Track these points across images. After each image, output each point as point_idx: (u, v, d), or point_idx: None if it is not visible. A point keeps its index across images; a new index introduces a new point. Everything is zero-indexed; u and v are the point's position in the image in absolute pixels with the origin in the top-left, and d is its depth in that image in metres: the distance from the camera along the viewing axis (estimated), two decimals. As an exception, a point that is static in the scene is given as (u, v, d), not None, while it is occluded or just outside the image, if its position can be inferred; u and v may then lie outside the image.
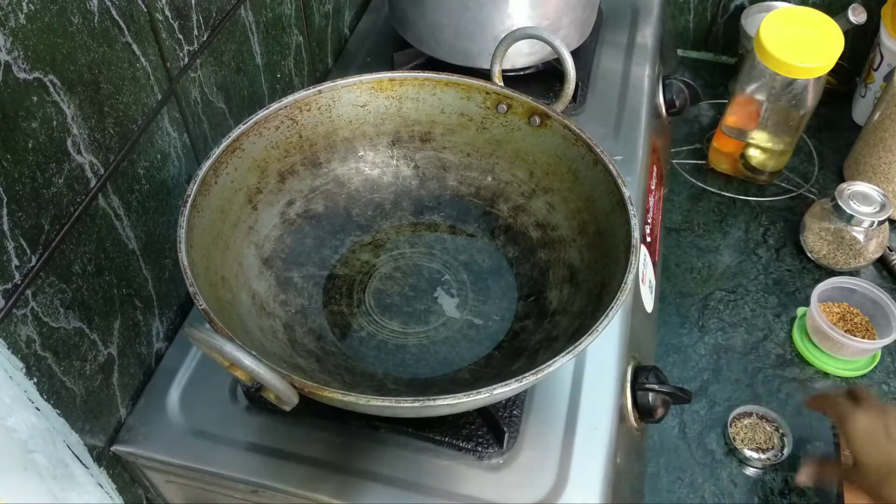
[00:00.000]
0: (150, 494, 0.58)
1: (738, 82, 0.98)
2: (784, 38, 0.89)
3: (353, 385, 0.50)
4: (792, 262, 0.97)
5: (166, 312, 0.57)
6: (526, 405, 0.54)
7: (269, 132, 0.53)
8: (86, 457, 0.50)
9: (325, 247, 0.58)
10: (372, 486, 0.50)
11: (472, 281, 0.57)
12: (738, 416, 0.80)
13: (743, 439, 0.78)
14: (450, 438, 0.51)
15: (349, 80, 0.55)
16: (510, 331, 0.54)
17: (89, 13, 0.43)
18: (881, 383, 0.85)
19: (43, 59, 0.40)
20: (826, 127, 1.13)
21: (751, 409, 0.80)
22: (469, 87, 0.55)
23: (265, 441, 0.52)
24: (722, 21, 1.22)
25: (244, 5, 0.61)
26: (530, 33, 0.58)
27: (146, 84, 0.50)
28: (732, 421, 0.79)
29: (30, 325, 0.42)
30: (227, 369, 0.38)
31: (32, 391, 0.43)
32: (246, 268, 0.53)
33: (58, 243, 0.43)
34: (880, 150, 0.97)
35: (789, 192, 1.05)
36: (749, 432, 0.78)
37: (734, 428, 0.79)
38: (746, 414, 0.80)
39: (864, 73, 1.10)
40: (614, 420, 0.53)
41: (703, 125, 1.15)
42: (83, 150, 0.44)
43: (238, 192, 0.52)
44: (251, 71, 0.65)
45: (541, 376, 0.39)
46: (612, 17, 0.90)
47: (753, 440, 0.78)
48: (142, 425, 0.53)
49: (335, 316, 0.55)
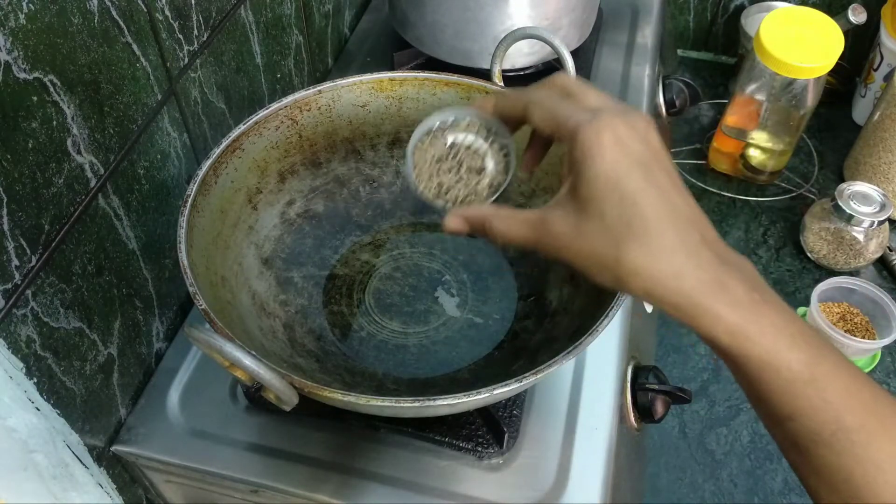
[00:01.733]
0: (150, 494, 0.58)
1: (738, 82, 0.98)
2: (784, 38, 0.89)
3: (353, 385, 0.50)
4: (792, 262, 0.97)
5: (166, 312, 0.57)
6: (526, 405, 0.54)
7: (269, 132, 0.53)
8: (86, 457, 0.50)
9: (325, 247, 0.58)
10: (372, 486, 0.50)
11: (472, 281, 0.57)
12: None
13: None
14: (450, 438, 0.51)
15: (349, 80, 0.55)
16: (510, 331, 0.54)
17: (89, 13, 0.43)
18: (881, 383, 0.85)
19: (43, 59, 0.40)
20: (826, 127, 1.13)
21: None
22: (469, 87, 0.55)
23: (265, 441, 0.52)
24: (722, 21, 1.22)
25: (244, 5, 0.61)
26: (530, 33, 0.58)
27: (146, 84, 0.50)
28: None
29: (30, 325, 0.42)
30: (227, 369, 0.38)
31: (32, 391, 0.43)
32: (246, 268, 0.53)
33: (58, 243, 0.43)
34: (880, 150, 0.98)
35: (789, 192, 1.05)
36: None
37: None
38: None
39: (864, 73, 1.10)
40: (614, 420, 0.53)
41: (703, 125, 1.15)
42: (83, 150, 0.44)
43: (238, 192, 0.52)
44: (251, 71, 0.65)
45: (541, 376, 0.39)
46: (612, 17, 0.90)
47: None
48: (142, 425, 0.53)
49: (335, 316, 0.55)
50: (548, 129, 0.35)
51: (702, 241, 0.32)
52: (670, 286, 0.31)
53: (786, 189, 1.06)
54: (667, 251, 0.31)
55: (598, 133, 0.32)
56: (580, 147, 0.32)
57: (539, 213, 0.35)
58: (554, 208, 0.35)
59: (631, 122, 0.33)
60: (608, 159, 0.32)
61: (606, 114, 0.33)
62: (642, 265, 0.32)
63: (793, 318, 0.32)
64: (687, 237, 0.32)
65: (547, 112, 0.35)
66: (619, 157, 0.32)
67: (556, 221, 0.34)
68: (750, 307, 0.31)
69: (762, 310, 0.32)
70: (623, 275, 0.32)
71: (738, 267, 0.33)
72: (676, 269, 0.31)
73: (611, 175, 0.32)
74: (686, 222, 0.32)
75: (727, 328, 0.31)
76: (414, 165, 0.41)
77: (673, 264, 0.31)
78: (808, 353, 0.31)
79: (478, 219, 0.38)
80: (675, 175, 0.34)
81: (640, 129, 0.33)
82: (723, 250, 0.33)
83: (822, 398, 0.31)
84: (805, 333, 0.32)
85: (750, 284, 0.32)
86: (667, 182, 0.33)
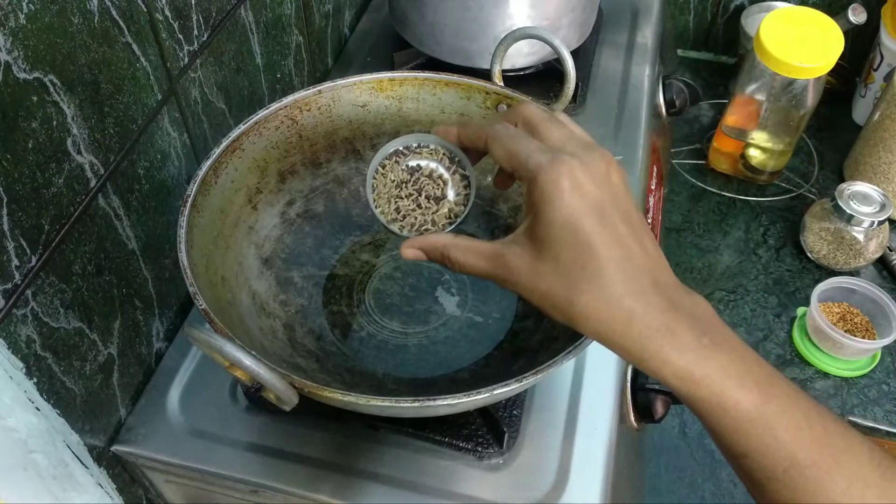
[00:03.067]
0: (150, 494, 0.58)
1: (738, 82, 0.98)
2: (784, 38, 0.89)
3: (353, 385, 0.50)
4: (792, 262, 0.97)
5: (166, 312, 0.57)
6: (526, 405, 0.54)
7: (269, 132, 0.53)
8: (86, 457, 0.50)
9: (325, 247, 0.58)
10: (372, 486, 0.50)
11: (472, 281, 0.57)
12: None
13: None
14: (450, 438, 0.51)
15: (349, 80, 0.55)
16: (510, 331, 0.54)
17: (89, 13, 0.43)
18: (881, 383, 0.85)
19: (43, 59, 0.40)
20: (826, 127, 1.13)
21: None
22: (469, 87, 0.55)
23: (265, 441, 0.52)
24: (722, 21, 1.22)
25: (244, 5, 0.61)
26: (530, 33, 0.58)
27: (146, 84, 0.50)
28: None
29: (30, 325, 0.42)
30: (227, 369, 0.38)
31: (32, 391, 0.43)
32: (246, 268, 0.53)
33: (58, 243, 0.43)
34: (880, 150, 0.98)
35: (789, 192, 1.05)
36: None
37: None
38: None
39: (864, 73, 1.10)
40: (614, 420, 0.53)
41: (703, 125, 1.15)
42: (83, 150, 0.44)
43: (238, 192, 0.52)
44: (251, 71, 0.65)
45: (541, 376, 0.39)
46: (612, 17, 0.90)
47: None
48: (142, 425, 0.53)
49: (335, 316, 0.55)
50: (508, 167, 0.36)
51: (653, 285, 0.33)
52: (618, 330, 0.32)
53: (786, 189, 1.06)
54: (616, 296, 0.32)
55: (556, 178, 0.32)
56: (538, 190, 0.33)
57: (497, 247, 0.36)
58: (512, 244, 0.35)
59: (590, 164, 0.33)
60: (566, 203, 0.32)
61: (566, 156, 0.33)
62: (594, 309, 0.32)
63: (743, 358, 0.33)
64: (638, 282, 0.33)
65: (507, 150, 0.36)
66: (576, 201, 0.32)
67: (513, 258, 0.35)
68: (697, 351, 0.32)
69: (710, 353, 0.32)
70: (574, 317, 0.33)
71: (690, 311, 0.33)
72: (625, 315, 0.32)
73: (567, 220, 0.32)
74: (638, 268, 0.33)
75: (674, 372, 0.32)
76: (373, 188, 0.41)
77: (622, 309, 0.32)
78: (755, 393, 0.32)
79: (435, 248, 0.38)
80: (636, 217, 0.34)
81: (600, 172, 0.33)
82: (677, 294, 0.33)
83: (773, 436, 0.32)
84: (753, 373, 0.33)
85: (700, 329, 0.33)
86: (623, 226, 0.33)
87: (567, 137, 0.35)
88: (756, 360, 0.33)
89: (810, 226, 0.95)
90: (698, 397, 0.32)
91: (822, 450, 0.32)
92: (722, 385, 0.32)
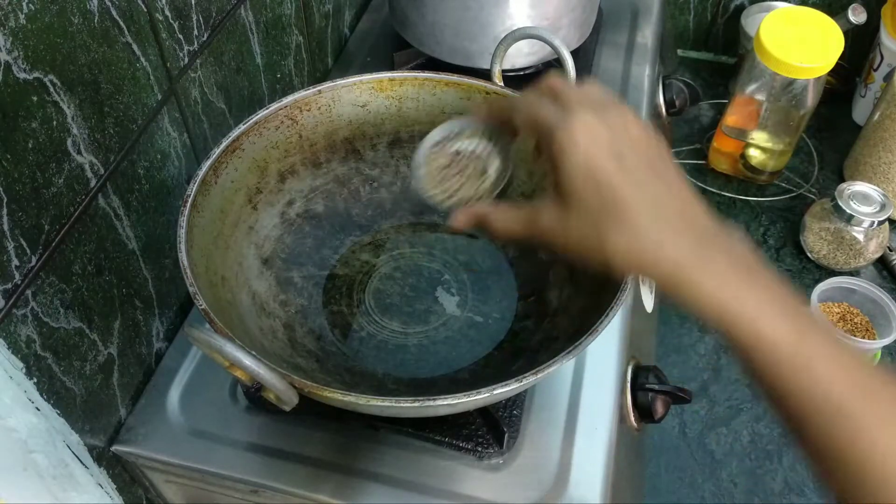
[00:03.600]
0: (150, 494, 0.58)
1: (738, 82, 0.98)
2: (784, 38, 0.89)
3: (353, 385, 0.50)
4: (792, 262, 0.97)
5: (166, 312, 0.57)
6: (526, 405, 0.53)
7: (269, 132, 0.53)
8: (86, 457, 0.50)
9: (325, 247, 0.58)
10: (372, 486, 0.50)
11: (472, 281, 0.57)
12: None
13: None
14: (450, 438, 0.51)
15: (349, 80, 0.55)
16: (510, 331, 0.54)
17: (89, 13, 0.43)
18: (881, 383, 0.85)
19: (43, 59, 0.40)
20: (826, 127, 1.13)
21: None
22: (469, 87, 0.55)
23: (265, 441, 0.52)
24: (722, 21, 1.22)
25: (244, 5, 0.61)
26: (530, 33, 0.58)
27: (146, 84, 0.50)
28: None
29: (30, 325, 0.42)
30: (227, 369, 0.38)
31: (32, 391, 0.43)
32: (246, 268, 0.53)
33: (58, 243, 0.43)
34: (880, 150, 0.97)
35: (789, 192, 1.05)
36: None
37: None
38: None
39: (864, 73, 1.10)
40: (614, 420, 0.53)
41: (703, 125, 1.15)
42: (83, 150, 0.44)
43: (238, 192, 0.52)
44: (251, 71, 0.65)
45: (541, 376, 0.39)
46: (612, 17, 0.90)
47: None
48: (142, 425, 0.53)
49: (335, 316, 0.55)
50: (530, 132, 0.37)
51: (681, 220, 0.34)
52: (650, 259, 0.34)
53: (786, 189, 1.06)
54: (644, 228, 0.34)
55: (571, 132, 0.34)
56: (557, 145, 0.34)
57: (530, 209, 0.38)
58: (541, 205, 0.37)
59: (606, 116, 0.35)
60: (582, 152, 0.34)
61: (581, 111, 0.35)
62: (625, 243, 0.34)
63: (782, 293, 0.33)
64: (666, 219, 0.34)
65: (527, 115, 0.37)
66: (593, 149, 0.34)
67: (544, 215, 0.37)
68: (733, 277, 0.33)
69: (747, 280, 0.33)
70: (609, 256, 0.34)
71: (724, 244, 0.34)
72: (656, 243, 0.33)
73: (586, 168, 0.34)
74: (665, 207, 0.34)
75: (710, 297, 0.33)
76: (421, 178, 0.44)
77: (652, 239, 0.33)
78: (791, 326, 0.32)
79: (479, 216, 0.40)
80: (660, 163, 0.35)
81: (616, 123, 0.35)
82: (710, 230, 0.34)
83: (810, 368, 0.32)
84: (789, 307, 0.33)
85: (735, 259, 0.33)
86: (645, 170, 0.34)
87: (585, 97, 0.37)
88: (794, 295, 0.34)
89: (810, 226, 0.95)
90: (736, 323, 0.32)
91: (862, 390, 0.32)
92: (760, 312, 0.32)
